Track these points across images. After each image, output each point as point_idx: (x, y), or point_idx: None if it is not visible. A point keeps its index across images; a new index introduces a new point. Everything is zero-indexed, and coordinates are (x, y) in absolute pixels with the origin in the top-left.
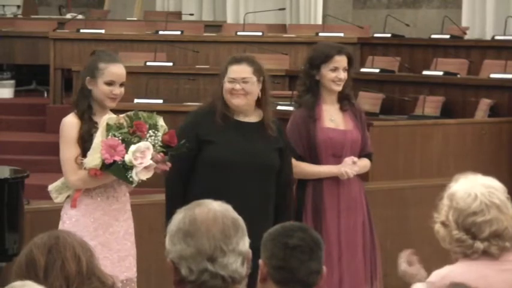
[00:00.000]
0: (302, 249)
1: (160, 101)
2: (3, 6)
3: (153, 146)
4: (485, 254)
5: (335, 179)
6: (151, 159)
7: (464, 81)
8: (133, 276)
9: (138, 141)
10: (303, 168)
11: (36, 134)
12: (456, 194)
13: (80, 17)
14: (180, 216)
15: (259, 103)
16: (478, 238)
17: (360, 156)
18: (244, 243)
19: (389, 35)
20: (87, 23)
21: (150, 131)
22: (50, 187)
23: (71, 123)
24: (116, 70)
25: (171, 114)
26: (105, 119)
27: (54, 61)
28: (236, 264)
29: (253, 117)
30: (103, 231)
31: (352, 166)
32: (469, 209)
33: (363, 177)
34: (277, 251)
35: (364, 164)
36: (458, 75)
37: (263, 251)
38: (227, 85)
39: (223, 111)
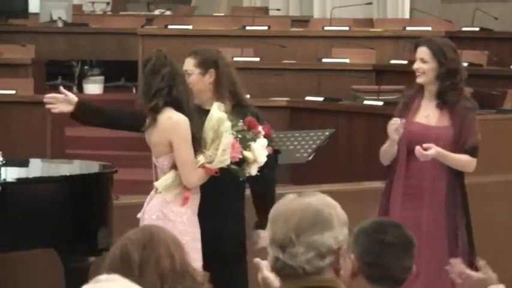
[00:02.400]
0: (398, 246)
1: (248, 96)
2: (93, 3)
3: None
4: None
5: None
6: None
7: None
8: None
9: (253, 138)
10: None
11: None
12: None
13: (167, 13)
14: (279, 203)
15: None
16: None
17: (458, 152)
18: (322, 237)
19: (477, 29)
20: (175, 18)
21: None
22: (158, 184)
23: (186, 122)
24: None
25: (259, 109)
26: (217, 114)
27: (143, 57)
28: (308, 256)
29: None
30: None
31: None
32: None
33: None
34: (372, 248)
35: (461, 158)
36: None
37: (355, 246)
38: None
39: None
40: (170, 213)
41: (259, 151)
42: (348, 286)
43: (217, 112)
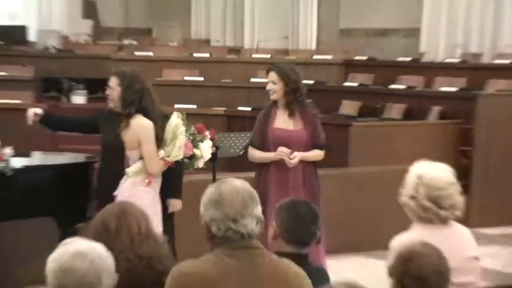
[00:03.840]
0: (307, 218)
1: (194, 106)
2: (77, 34)
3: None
4: (439, 221)
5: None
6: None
7: (420, 93)
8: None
9: (201, 139)
10: (253, 153)
11: None
12: (426, 174)
13: (134, 43)
14: (211, 190)
15: None
16: (442, 208)
17: (312, 149)
18: (258, 210)
19: (366, 58)
20: (139, 47)
21: (206, 132)
22: (128, 171)
23: (150, 125)
24: None
25: (203, 116)
26: (176, 121)
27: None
28: (252, 225)
29: None
30: (157, 204)
31: (289, 157)
32: (436, 185)
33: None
34: (289, 218)
35: (313, 154)
36: (417, 88)
37: (276, 218)
38: None
39: None
40: (138, 192)
41: (205, 150)
42: (270, 245)
43: (175, 119)
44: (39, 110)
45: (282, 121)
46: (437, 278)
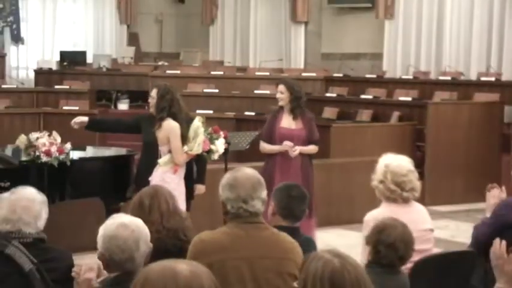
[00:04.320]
0: (298, 198)
1: (211, 111)
2: (123, 57)
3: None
4: (402, 200)
5: (287, 155)
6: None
7: (384, 102)
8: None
9: (217, 138)
10: (264, 146)
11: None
12: (391, 163)
13: (166, 64)
14: (228, 175)
15: None
16: (404, 190)
17: (308, 144)
18: (264, 193)
19: (341, 75)
20: (170, 67)
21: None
22: (160, 161)
23: (177, 125)
24: None
25: (218, 119)
26: (198, 124)
27: (151, 89)
28: (259, 205)
29: None
30: (182, 187)
31: (292, 149)
32: (400, 172)
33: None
34: (284, 198)
35: (309, 148)
36: (381, 98)
37: (273, 198)
38: None
39: None
40: (167, 178)
41: (219, 146)
42: (270, 220)
43: (197, 122)
44: (84, 119)
45: (287, 122)
46: (404, 245)
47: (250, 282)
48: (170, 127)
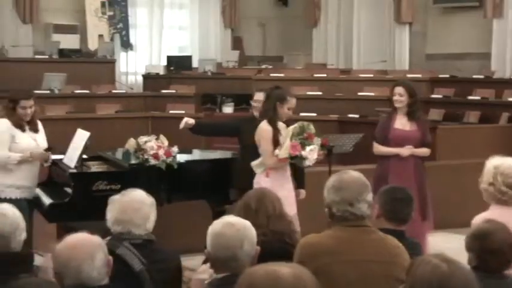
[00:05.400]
0: (403, 200)
1: (315, 114)
2: (228, 61)
3: (318, 146)
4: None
5: (401, 158)
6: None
7: (492, 102)
8: (295, 213)
9: (309, 144)
10: (379, 148)
11: None
12: (501, 165)
13: (269, 67)
14: (333, 178)
15: None
16: None
17: (421, 147)
18: (370, 196)
19: (448, 76)
20: (274, 70)
21: (315, 138)
22: (253, 164)
23: (268, 129)
24: (294, 102)
25: (321, 122)
26: (291, 128)
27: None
28: (364, 208)
29: None
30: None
31: (407, 151)
32: (511, 174)
33: (430, 158)
34: (389, 201)
35: (423, 150)
36: (489, 99)
37: (378, 200)
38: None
39: None
40: (260, 181)
41: (308, 152)
42: (374, 223)
43: (292, 127)
44: (191, 121)
45: (400, 123)
46: (510, 248)
47: (357, 286)
48: (261, 130)
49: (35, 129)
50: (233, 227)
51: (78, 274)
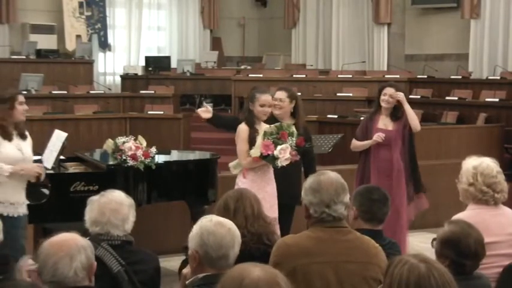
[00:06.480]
0: (379, 200)
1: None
2: (206, 62)
3: (290, 146)
4: (493, 202)
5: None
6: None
7: (470, 103)
8: (276, 217)
9: (282, 143)
10: (355, 143)
11: (224, 133)
12: (480, 165)
13: (248, 67)
14: (311, 179)
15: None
16: (496, 191)
17: (402, 145)
18: (347, 198)
19: (426, 76)
20: (252, 70)
21: (289, 137)
22: (230, 164)
23: (244, 129)
24: (265, 98)
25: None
26: (264, 128)
27: (234, 92)
28: (341, 210)
29: None
30: (258, 192)
31: (381, 139)
32: (490, 174)
33: None
34: (365, 202)
35: (414, 116)
36: (467, 99)
37: (354, 202)
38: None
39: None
40: (239, 182)
41: (279, 151)
42: (351, 224)
43: (266, 128)
44: (210, 109)
45: (383, 124)
46: (482, 247)
47: (335, 287)
48: (237, 130)
49: (22, 135)
50: (224, 226)
51: (54, 271)
